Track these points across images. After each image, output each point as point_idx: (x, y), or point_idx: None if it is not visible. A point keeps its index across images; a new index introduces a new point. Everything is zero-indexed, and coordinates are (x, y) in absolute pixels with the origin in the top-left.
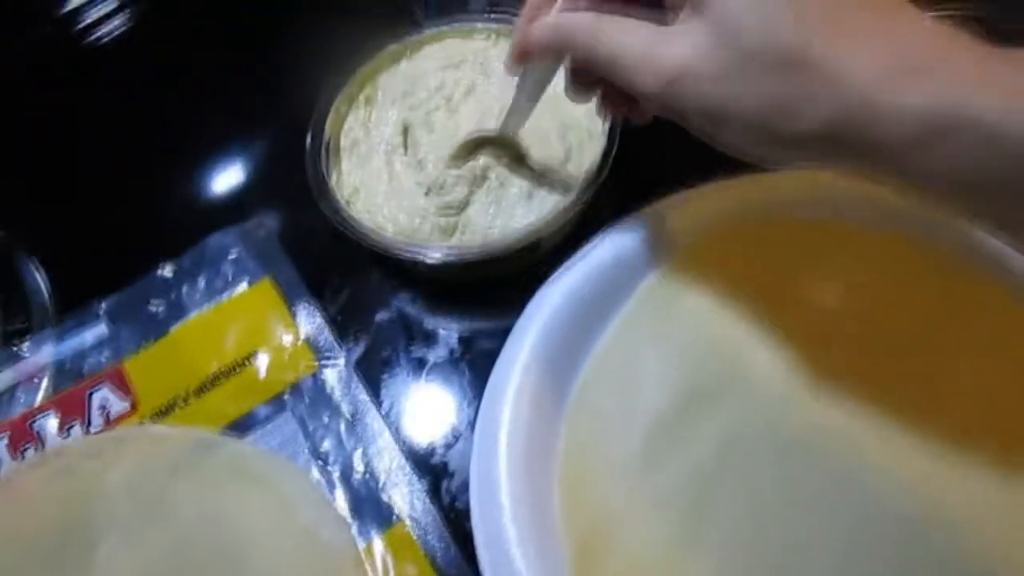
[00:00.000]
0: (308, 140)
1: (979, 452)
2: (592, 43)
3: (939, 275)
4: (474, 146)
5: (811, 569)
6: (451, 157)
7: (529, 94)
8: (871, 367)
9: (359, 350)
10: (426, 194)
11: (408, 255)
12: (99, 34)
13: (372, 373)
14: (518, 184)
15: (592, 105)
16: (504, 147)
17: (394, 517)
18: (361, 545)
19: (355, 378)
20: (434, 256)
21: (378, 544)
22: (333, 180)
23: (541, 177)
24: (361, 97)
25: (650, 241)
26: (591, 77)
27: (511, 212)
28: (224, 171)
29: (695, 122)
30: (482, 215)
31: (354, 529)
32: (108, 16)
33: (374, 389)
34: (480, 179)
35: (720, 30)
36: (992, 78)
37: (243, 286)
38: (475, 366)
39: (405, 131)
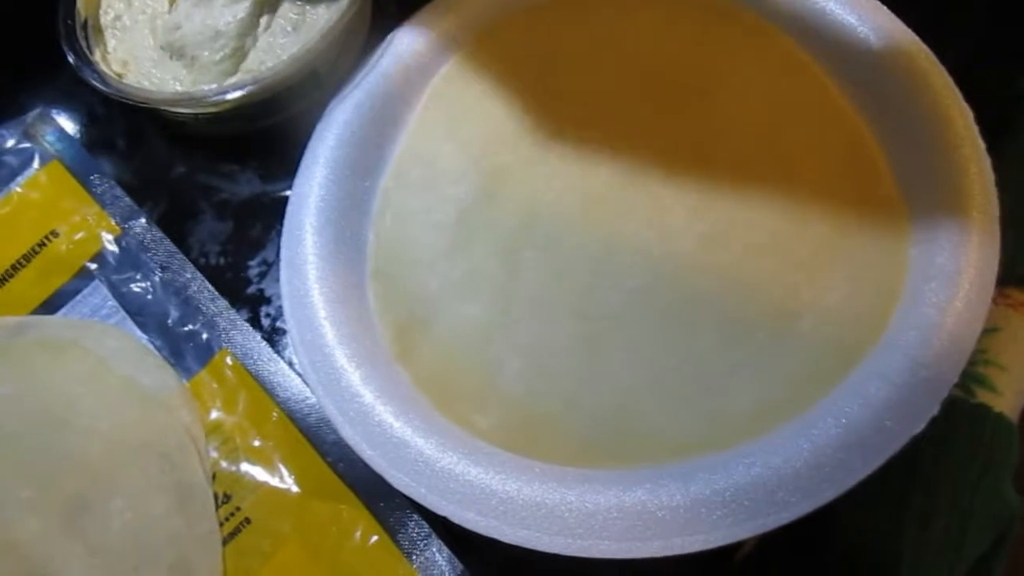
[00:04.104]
0: (61, 25)
1: (758, 189)
2: None
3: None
4: None
5: (614, 307)
6: None
7: None
8: (653, 121)
9: (161, 207)
10: (189, 58)
11: (183, 108)
12: None
13: (178, 225)
14: (283, 19)
15: None
16: None
17: (216, 350)
18: (185, 381)
19: (161, 233)
20: (209, 101)
21: (204, 376)
22: (97, 57)
23: (305, 9)
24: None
25: (432, 42)
26: None
27: (285, 51)
28: None
29: None
30: (255, 63)
31: (177, 369)
32: None
33: (182, 239)
34: (250, 26)
35: None
36: None
37: (31, 171)
38: (278, 199)
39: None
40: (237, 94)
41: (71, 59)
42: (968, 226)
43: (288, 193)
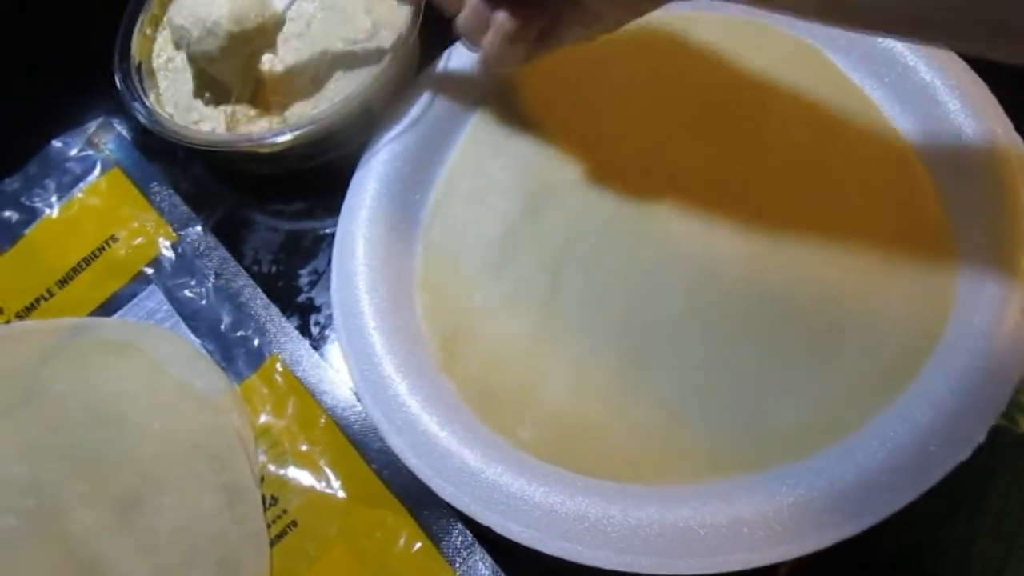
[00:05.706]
0: (116, 64)
1: (807, 212)
2: None
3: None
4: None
5: (657, 324)
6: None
7: None
8: (702, 142)
9: (217, 216)
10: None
11: (238, 147)
12: None
13: (232, 233)
14: (333, 59)
15: None
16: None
17: (267, 356)
18: (236, 385)
19: (215, 241)
20: (266, 141)
21: (254, 381)
22: (151, 99)
23: (354, 51)
24: (167, 18)
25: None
26: None
27: (339, 91)
28: (55, 84)
29: None
30: (307, 105)
31: (228, 374)
32: None
33: (236, 247)
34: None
35: None
36: None
37: (92, 177)
38: (332, 211)
39: None
40: (289, 136)
41: (125, 103)
42: (1017, 252)
43: (340, 202)
